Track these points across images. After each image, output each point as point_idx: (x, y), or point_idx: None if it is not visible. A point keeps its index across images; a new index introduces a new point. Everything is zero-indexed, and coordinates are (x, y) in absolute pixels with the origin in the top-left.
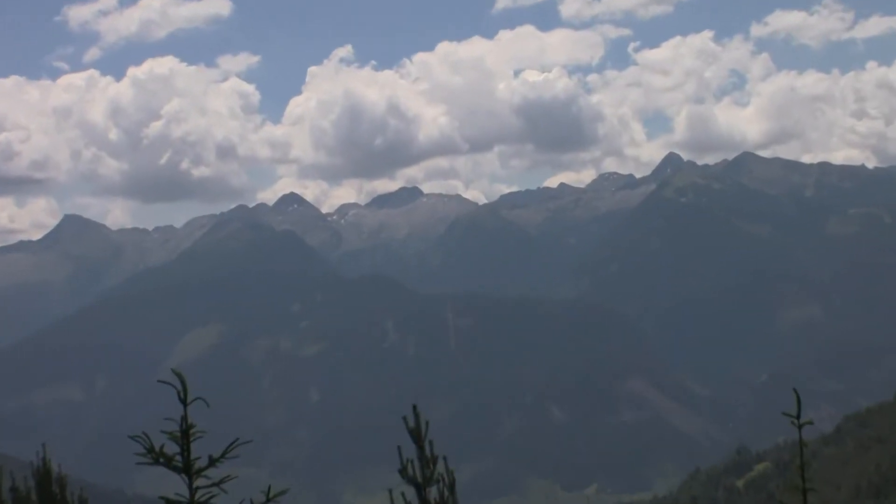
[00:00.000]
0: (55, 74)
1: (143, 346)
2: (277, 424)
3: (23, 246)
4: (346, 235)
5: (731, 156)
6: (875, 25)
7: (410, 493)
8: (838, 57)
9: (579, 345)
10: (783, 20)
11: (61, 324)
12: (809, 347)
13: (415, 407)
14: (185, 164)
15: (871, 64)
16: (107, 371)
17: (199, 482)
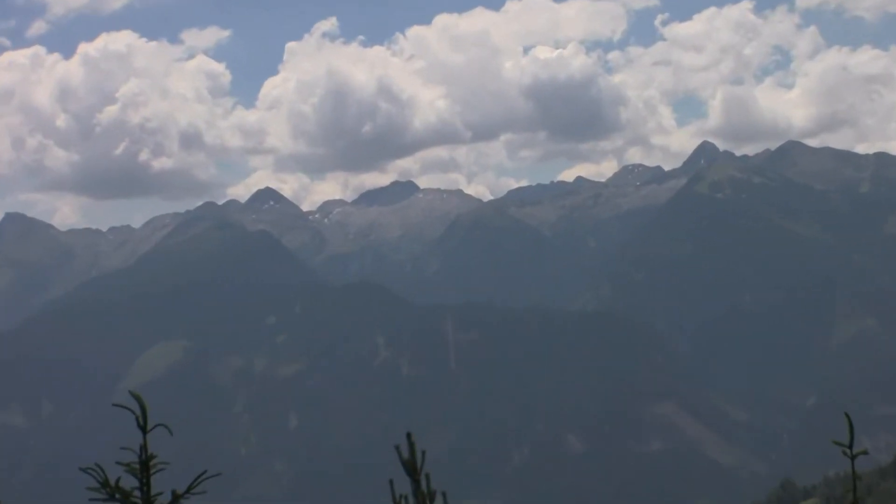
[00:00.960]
0: None
1: (95, 364)
2: (251, 455)
3: None
4: (330, 237)
5: (773, 145)
6: None
7: None
8: None
9: (600, 363)
10: None
11: (1, 339)
12: (864, 366)
13: (409, 435)
14: (144, 155)
15: None
16: (54, 393)
17: None
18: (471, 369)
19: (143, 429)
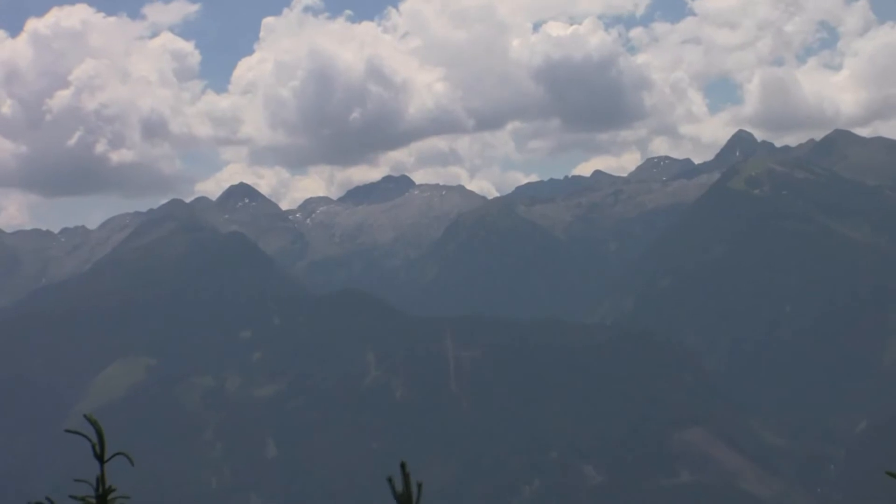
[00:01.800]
0: None
1: (47, 384)
2: (223, 488)
3: None
4: (313, 239)
5: (819, 135)
6: None
7: None
8: None
9: (621, 384)
10: None
11: None
12: None
13: (403, 465)
14: (101, 147)
15: None
16: None
17: None
18: (474, 391)
19: (101, 458)
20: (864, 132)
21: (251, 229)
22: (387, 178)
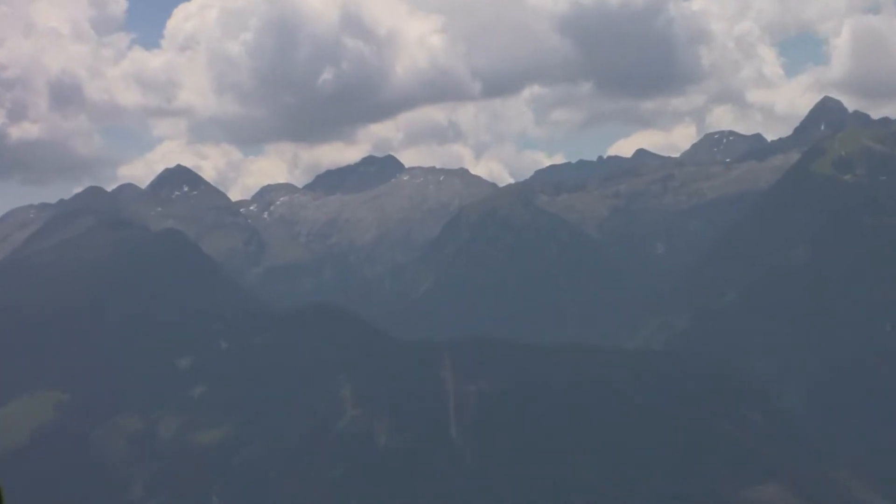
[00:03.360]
0: None
1: None
2: None
3: None
4: (271, 239)
5: None
6: None
7: None
8: None
9: (670, 425)
10: None
11: None
12: None
13: None
14: None
15: None
16: None
17: None
18: (480, 436)
19: None
20: None
21: (192, 226)
22: (367, 160)
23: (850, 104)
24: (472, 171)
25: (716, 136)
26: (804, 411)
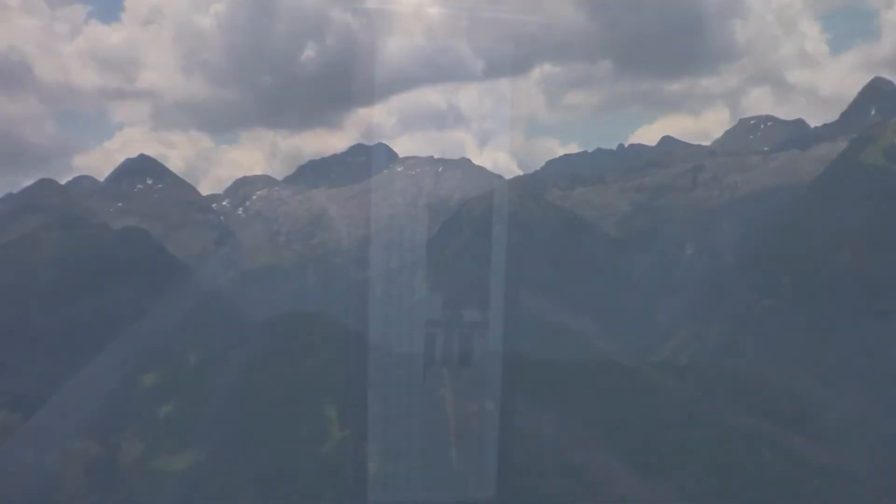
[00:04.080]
0: None
1: None
2: None
3: None
4: (246, 238)
5: None
6: None
7: None
8: None
9: (706, 455)
10: None
11: None
12: None
13: None
14: None
15: None
16: None
17: None
18: (482, 462)
19: None
20: None
21: (156, 223)
22: (356, 149)
23: None
24: (475, 162)
25: (752, 122)
26: (851, 435)
